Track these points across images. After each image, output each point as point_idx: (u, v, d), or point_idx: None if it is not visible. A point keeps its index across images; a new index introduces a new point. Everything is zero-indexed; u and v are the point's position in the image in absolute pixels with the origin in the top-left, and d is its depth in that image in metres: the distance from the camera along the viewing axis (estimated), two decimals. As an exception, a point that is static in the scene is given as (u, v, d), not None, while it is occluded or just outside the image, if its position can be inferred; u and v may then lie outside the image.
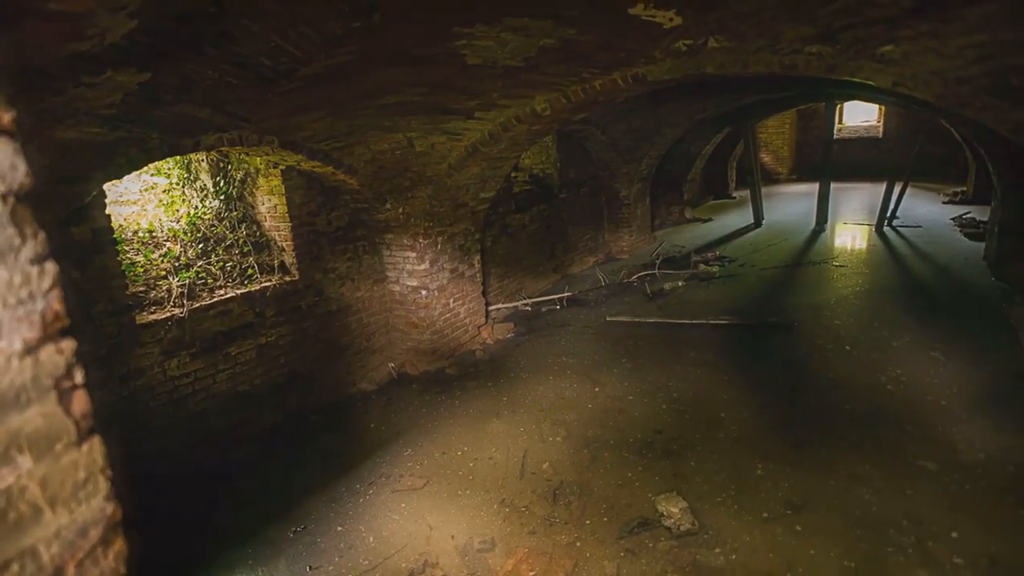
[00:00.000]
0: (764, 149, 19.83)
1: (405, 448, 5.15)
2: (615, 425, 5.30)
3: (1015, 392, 5.36)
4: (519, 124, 5.57)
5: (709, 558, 3.65)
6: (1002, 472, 4.27)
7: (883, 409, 5.24)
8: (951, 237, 11.32)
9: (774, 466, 4.55)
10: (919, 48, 3.43)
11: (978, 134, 8.43)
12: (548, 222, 9.59)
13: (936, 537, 3.69)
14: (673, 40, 3.99)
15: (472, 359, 7.00)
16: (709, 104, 10.21)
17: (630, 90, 5.04)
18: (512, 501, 4.36)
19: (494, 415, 5.62)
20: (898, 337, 6.74)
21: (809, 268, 9.94)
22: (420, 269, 6.56)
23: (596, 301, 8.75)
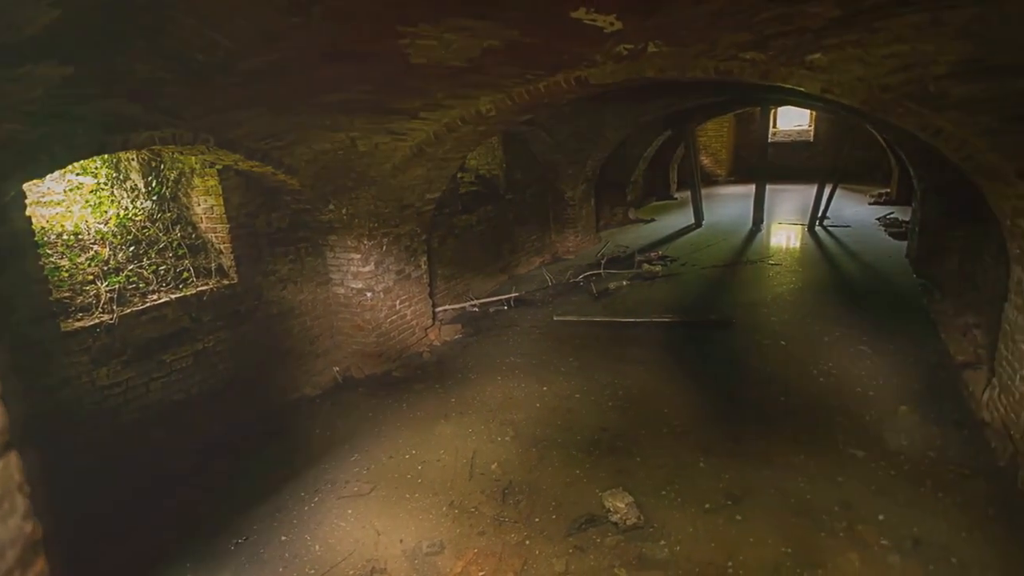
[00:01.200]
0: (704, 152, 20.44)
1: (351, 453, 5.06)
2: (563, 423, 5.35)
3: (935, 382, 5.71)
4: (464, 125, 5.56)
5: (654, 551, 3.74)
6: (923, 458, 4.54)
7: (816, 401, 5.49)
8: (877, 236, 11.96)
9: (715, 459, 4.69)
10: (845, 56, 3.61)
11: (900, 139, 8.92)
12: (495, 223, 9.61)
13: (864, 520, 3.89)
14: (614, 44, 4.07)
15: (419, 361, 6.95)
16: (651, 107, 10.45)
17: (574, 92, 5.11)
18: (461, 502, 4.35)
19: (442, 417, 5.59)
20: (829, 332, 7.08)
21: (747, 267, 10.31)
22: (365, 271, 6.46)
23: (543, 301, 8.82)
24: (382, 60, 4.00)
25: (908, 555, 3.59)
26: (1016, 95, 3.30)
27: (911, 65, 3.42)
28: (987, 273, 6.56)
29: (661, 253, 11.35)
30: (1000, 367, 4.80)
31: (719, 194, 18.39)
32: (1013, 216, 4.00)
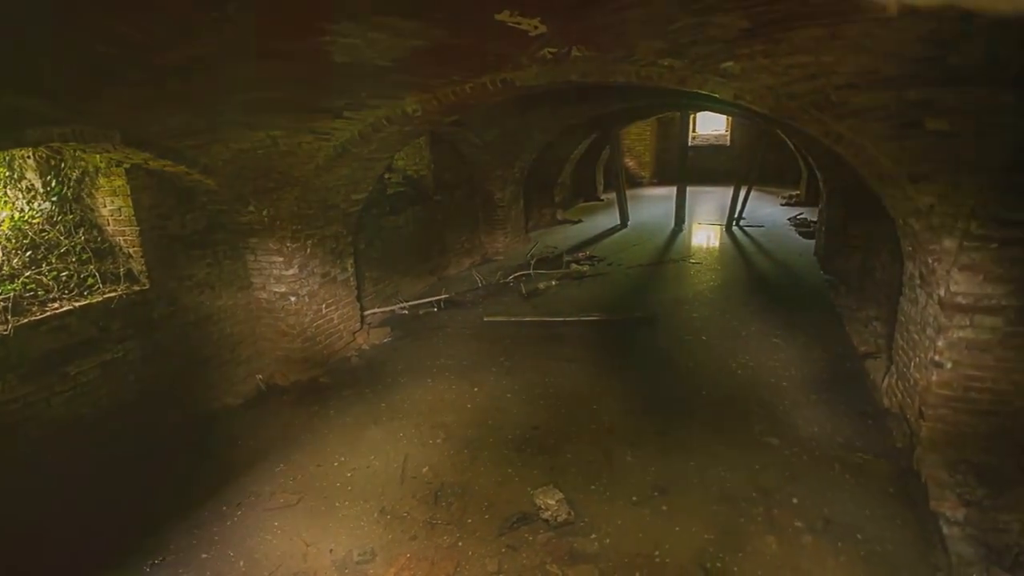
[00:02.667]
0: (628, 154, 21.00)
1: (277, 463, 4.89)
2: (494, 424, 5.37)
3: (839, 371, 6.11)
4: (390, 125, 5.48)
5: (585, 545, 3.82)
6: (832, 443, 4.85)
7: (735, 393, 5.76)
8: (788, 235, 12.67)
9: (642, 452, 4.83)
10: (755, 66, 3.81)
11: (807, 143, 9.49)
12: (424, 224, 9.53)
13: (780, 505, 4.12)
14: (539, 47, 4.12)
15: (347, 366, 6.79)
16: (577, 110, 10.64)
17: (500, 94, 5.14)
18: (393, 508, 4.29)
19: (372, 422, 5.49)
20: (746, 327, 7.44)
21: (669, 265, 10.69)
22: (288, 274, 6.26)
23: (473, 302, 8.82)
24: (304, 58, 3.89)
25: (820, 534, 3.83)
26: (906, 104, 3.57)
27: (814, 75, 3.64)
28: (885, 269, 7.08)
29: (589, 253, 11.59)
30: (897, 356, 5.19)
31: (643, 195, 18.97)
32: (905, 216, 4.33)
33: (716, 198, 17.42)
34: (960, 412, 4.33)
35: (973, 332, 4.16)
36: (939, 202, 3.97)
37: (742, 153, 18.81)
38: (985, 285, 4.05)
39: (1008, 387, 4.19)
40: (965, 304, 4.13)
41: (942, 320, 4.22)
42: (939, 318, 4.24)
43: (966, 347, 4.21)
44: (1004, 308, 4.05)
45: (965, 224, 3.92)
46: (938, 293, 4.24)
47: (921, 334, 4.57)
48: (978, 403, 4.27)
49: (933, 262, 4.25)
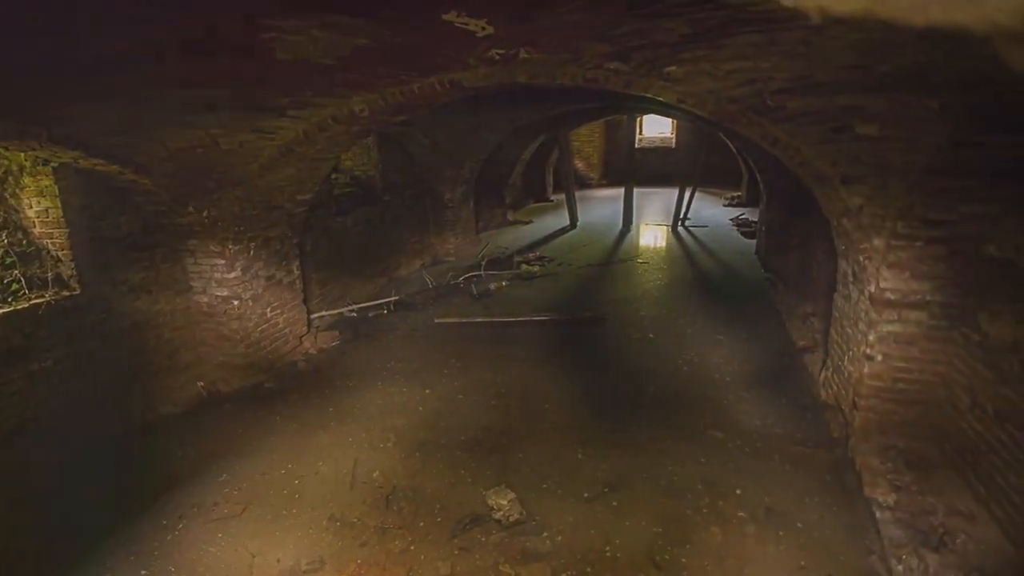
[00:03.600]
0: (577, 156, 21.24)
1: (220, 473, 4.73)
2: (446, 425, 5.34)
3: (778, 365, 6.35)
4: (336, 124, 5.38)
5: (537, 544, 3.84)
6: (773, 435, 5.03)
7: (681, 389, 5.90)
8: (731, 235, 13.07)
9: (593, 450, 4.90)
10: (697, 70, 3.91)
11: (747, 146, 9.81)
12: (372, 225, 9.39)
13: (724, 496, 4.25)
14: (487, 48, 4.12)
15: (294, 371, 6.63)
16: (526, 111, 10.69)
17: (448, 95, 5.11)
18: (342, 514, 4.21)
19: (320, 427, 5.37)
20: (691, 324, 7.64)
21: (618, 265, 10.87)
22: (231, 277, 6.06)
23: (423, 304, 8.75)
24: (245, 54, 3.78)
25: (762, 523, 3.96)
26: (838, 109, 3.74)
27: (752, 80, 3.77)
28: (820, 267, 7.39)
29: (539, 254, 11.67)
30: (832, 350, 5.42)
31: (592, 196, 19.22)
32: (838, 216, 4.54)
33: (662, 199, 17.81)
34: (890, 402, 4.56)
35: (901, 326, 4.40)
36: (868, 203, 4.17)
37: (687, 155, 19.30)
38: (911, 281, 4.28)
39: (932, 378, 4.43)
40: (893, 300, 4.35)
41: (873, 315, 4.44)
42: (870, 313, 4.46)
43: (894, 341, 4.44)
44: (928, 303, 4.29)
45: (892, 224, 4.13)
46: (869, 290, 4.45)
47: (854, 329, 4.79)
48: (906, 393, 4.51)
49: (864, 260, 4.46)
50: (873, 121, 3.68)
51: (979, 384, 3.94)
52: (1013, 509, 3.51)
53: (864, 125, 3.74)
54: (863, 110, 3.63)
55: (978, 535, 3.65)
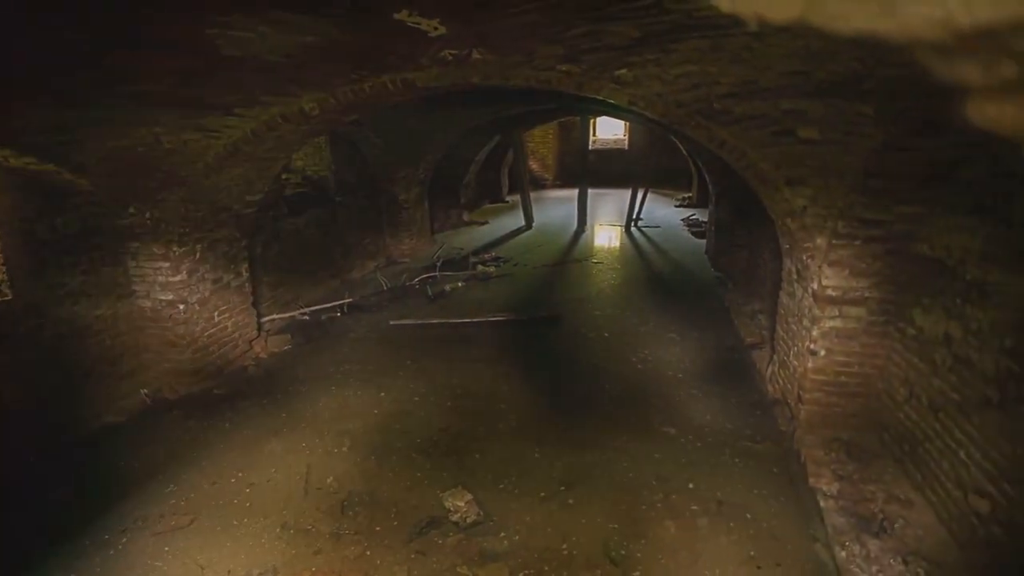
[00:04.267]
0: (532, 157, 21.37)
1: (166, 484, 4.56)
2: (401, 428, 5.29)
3: (730, 362, 6.53)
4: (286, 123, 5.27)
5: (494, 544, 3.84)
6: (723, 429, 5.16)
7: (635, 386, 6.00)
8: (682, 236, 13.37)
9: (549, 448, 4.93)
10: (646, 74, 3.99)
11: (697, 148, 10.05)
12: (325, 226, 9.23)
13: (678, 491, 4.34)
14: (439, 49, 4.11)
15: (244, 376, 6.45)
16: (481, 112, 10.69)
17: (401, 94, 5.07)
18: (296, 522, 4.12)
19: (272, 433, 5.24)
20: (645, 323, 7.78)
21: (573, 265, 10.98)
22: (176, 281, 5.86)
23: (378, 306, 8.65)
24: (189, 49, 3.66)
25: (714, 516, 4.06)
26: (781, 114, 3.88)
27: (699, 84, 3.87)
28: (767, 266, 7.63)
29: (495, 254, 11.69)
30: (778, 346, 5.61)
31: (547, 197, 19.36)
32: (783, 217, 4.69)
33: (616, 200, 18.08)
34: (832, 395, 4.75)
35: (842, 322, 4.58)
36: (811, 204, 4.33)
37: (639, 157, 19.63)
38: (851, 279, 4.46)
39: (872, 371, 4.64)
40: (835, 296, 4.53)
41: (816, 311, 4.61)
42: (813, 310, 4.63)
43: (836, 336, 4.62)
44: (867, 299, 4.49)
45: (833, 224, 4.30)
46: (812, 287, 4.62)
47: (798, 325, 4.96)
48: (847, 386, 4.70)
49: (807, 259, 4.63)
50: (814, 125, 3.82)
51: (914, 376, 4.14)
52: (946, 494, 3.70)
53: (805, 129, 3.88)
54: (804, 115, 3.77)
55: (915, 520, 3.84)
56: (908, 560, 3.51)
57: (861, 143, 3.74)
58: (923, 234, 4.11)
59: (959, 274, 3.67)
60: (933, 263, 3.98)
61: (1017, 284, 3.15)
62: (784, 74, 3.42)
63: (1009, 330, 3.19)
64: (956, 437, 3.61)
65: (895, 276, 4.37)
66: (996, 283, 3.32)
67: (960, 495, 3.53)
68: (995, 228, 3.37)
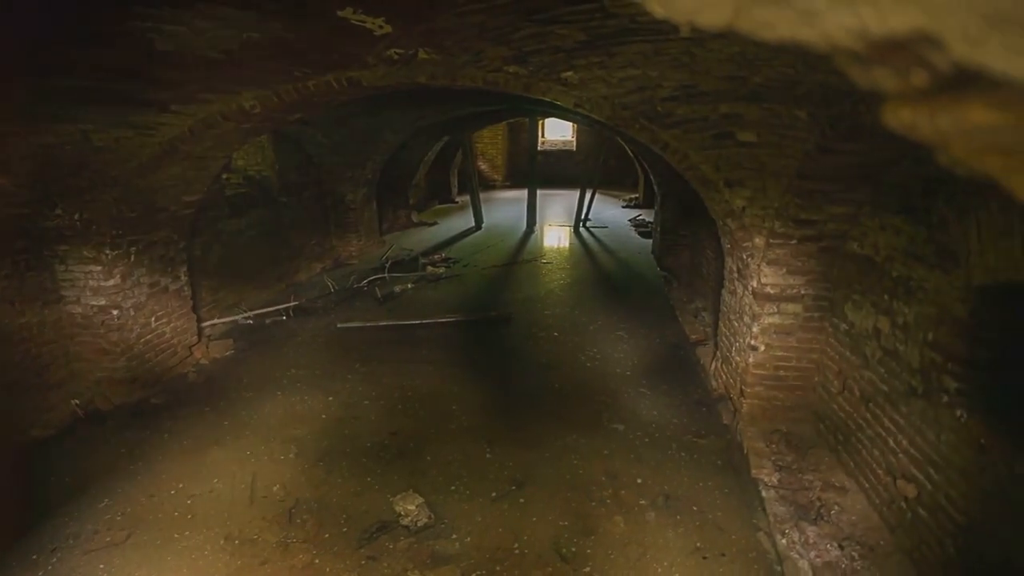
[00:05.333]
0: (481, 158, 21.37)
1: (100, 499, 4.34)
2: (350, 433, 5.20)
3: (674, 358, 6.70)
4: (226, 121, 5.10)
5: (446, 546, 3.82)
6: (669, 424, 5.29)
7: (584, 384, 6.08)
8: (629, 235, 13.63)
9: (500, 448, 4.94)
10: (592, 76, 4.05)
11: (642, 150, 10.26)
12: (268, 228, 8.98)
13: (626, 486, 4.42)
14: (385, 47, 4.06)
15: (184, 383, 6.21)
16: (429, 112, 10.62)
17: (346, 93, 4.99)
18: (241, 532, 3.99)
19: (214, 442, 5.07)
20: (593, 321, 7.89)
21: (523, 266, 11.04)
22: (108, 285, 5.59)
23: (325, 309, 8.48)
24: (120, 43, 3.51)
25: (661, 510, 4.16)
26: (720, 117, 4.00)
27: (643, 87, 3.96)
28: (710, 264, 7.86)
29: (444, 255, 11.63)
30: (721, 342, 5.78)
31: (497, 198, 19.39)
32: (723, 217, 4.84)
33: (565, 201, 18.27)
34: (772, 388, 4.93)
35: (780, 318, 4.76)
36: (750, 204, 4.49)
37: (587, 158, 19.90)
38: (788, 277, 4.64)
39: (808, 364, 4.84)
40: (773, 294, 4.71)
41: (755, 308, 4.78)
42: (753, 307, 4.79)
43: (775, 331, 4.80)
44: (803, 296, 4.68)
45: (771, 224, 4.47)
46: (752, 285, 4.79)
47: (739, 322, 5.13)
48: (785, 380, 4.90)
49: (747, 257, 4.79)
50: (751, 129, 3.96)
51: (847, 368, 4.34)
52: (876, 480, 3.90)
53: (744, 132, 4.02)
54: (742, 118, 3.91)
55: (849, 506, 4.02)
56: (843, 545, 3.68)
57: (795, 146, 3.90)
58: (854, 233, 4.31)
59: (886, 271, 3.87)
60: (863, 261, 4.18)
61: (938, 280, 3.34)
62: (722, 79, 3.53)
63: (932, 324, 3.39)
64: (885, 426, 3.80)
65: (828, 273, 4.58)
66: (919, 279, 3.52)
67: (889, 481, 3.72)
68: (919, 227, 3.57)
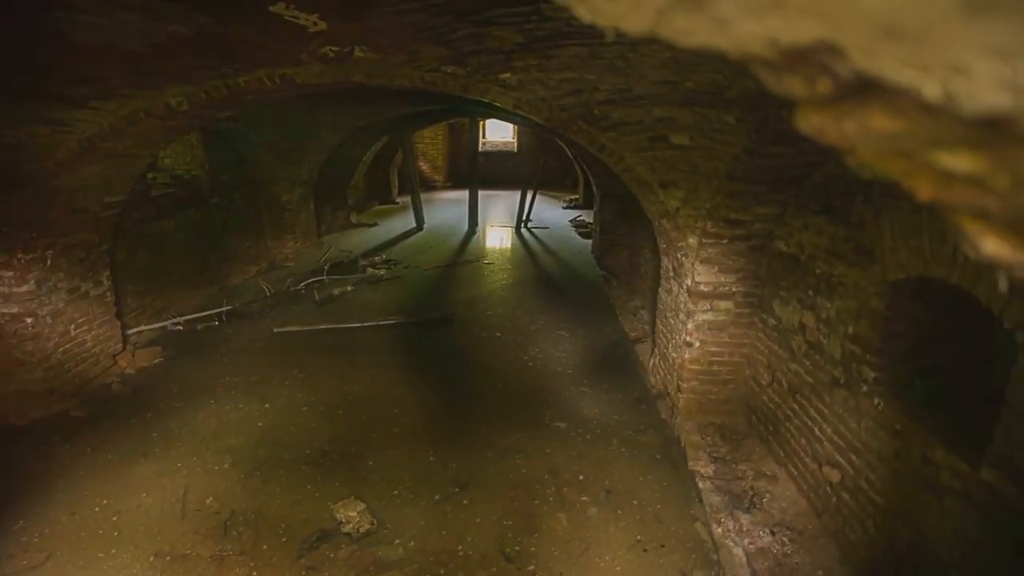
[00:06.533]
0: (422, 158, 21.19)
1: (14, 520, 4.06)
2: (289, 440, 5.06)
3: (614, 356, 6.83)
4: (149, 118, 4.87)
5: (389, 552, 3.77)
6: (609, 421, 5.39)
7: (527, 384, 6.13)
8: (569, 236, 13.81)
9: (444, 450, 4.92)
10: (530, 78, 4.09)
11: (581, 152, 10.43)
12: (199, 229, 8.62)
13: (568, 483, 4.48)
14: (320, 45, 3.97)
15: (108, 394, 5.88)
16: (368, 111, 10.45)
17: (280, 91, 4.85)
18: (172, 548, 3.82)
19: (142, 455, 4.82)
20: (535, 321, 7.96)
21: (465, 266, 11.02)
22: (22, 292, 5.24)
23: (261, 313, 8.21)
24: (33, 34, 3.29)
25: (603, 505, 4.24)
26: (654, 120, 4.11)
27: (579, 90, 4.02)
28: (647, 264, 8.06)
29: (385, 256, 11.48)
30: (658, 339, 5.94)
31: (438, 199, 19.28)
32: (659, 218, 4.98)
33: (506, 201, 18.34)
34: (706, 383, 5.11)
35: (713, 315, 4.93)
36: (683, 205, 4.63)
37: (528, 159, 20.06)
38: (720, 275, 4.82)
39: (740, 359, 5.03)
40: (706, 291, 4.87)
41: (690, 306, 4.93)
42: (688, 304, 4.95)
43: (708, 328, 4.97)
44: (734, 293, 4.87)
45: (703, 224, 4.62)
46: (686, 283, 4.94)
47: (675, 319, 5.29)
48: (718, 374, 5.08)
49: (681, 257, 4.94)
50: (684, 132, 4.09)
51: (776, 362, 4.54)
52: (804, 468, 4.09)
53: (677, 135, 4.15)
54: (675, 122, 4.03)
55: (779, 493, 4.21)
56: (775, 531, 3.84)
57: (725, 149, 4.05)
58: (780, 232, 4.52)
59: (810, 268, 4.08)
60: (789, 259, 4.38)
61: (857, 277, 3.54)
62: (656, 83, 3.63)
63: (852, 318, 3.59)
64: (811, 415, 4.00)
65: (757, 271, 4.78)
66: (840, 276, 3.72)
67: (816, 467, 3.92)
68: (839, 227, 3.77)
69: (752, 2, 0.56)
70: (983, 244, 0.56)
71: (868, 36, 0.52)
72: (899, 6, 0.49)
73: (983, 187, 0.55)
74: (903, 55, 0.51)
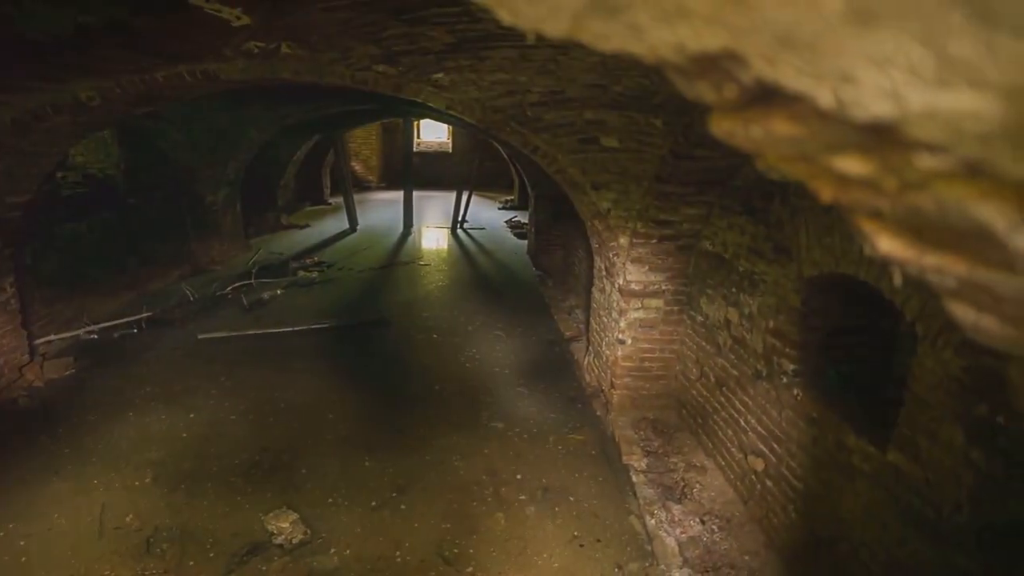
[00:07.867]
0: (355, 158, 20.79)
1: (-96, 548, 3.73)
2: (216, 452, 4.85)
3: (550, 355, 6.92)
4: (58, 114, 4.57)
5: (324, 561, 3.68)
6: (546, 419, 5.45)
7: (464, 385, 6.11)
8: (505, 236, 13.87)
9: (380, 455, 4.84)
10: (463, 79, 4.09)
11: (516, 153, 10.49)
12: (114, 232, 8.14)
13: (506, 483, 4.50)
14: (244, 40, 3.84)
15: (13, 409, 5.47)
16: (296, 109, 10.15)
17: (201, 87, 4.67)
18: (89, 571, 3.59)
19: (52, 473, 4.51)
20: (472, 322, 7.95)
21: (400, 268, 10.88)
22: (-89, 300, 4.81)
23: (184, 319, 7.83)
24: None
25: (540, 503, 4.28)
26: (585, 123, 4.19)
27: (513, 92, 4.06)
28: (581, 264, 8.20)
29: (317, 259, 11.18)
30: (592, 338, 6.06)
31: (372, 199, 18.96)
32: (592, 218, 5.08)
33: (441, 202, 18.23)
34: (639, 379, 5.25)
35: (644, 313, 5.08)
36: (615, 206, 4.74)
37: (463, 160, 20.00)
38: (650, 274, 4.96)
39: (670, 355, 5.20)
40: (637, 290, 5.01)
41: (622, 304, 5.06)
42: (620, 303, 5.07)
43: (640, 325, 5.11)
44: (664, 291, 5.02)
45: (634, 224, 4.75)
46: (618, 282, 5.06)
47: (608, 317, 5.41)
48: (650, 370, 5.23)
49: (613, 256, 5.06)
50: (614, 134, 4.19)
51: (704, 357, 4.72)
52: (731, 458, 4.27)
53: (607, 138, 4.25)
54: (606, 124, 4.12)
55: (708, 483, 4.38)
56: (704, 520, 3.99)
57: (653, 152, 4.17)
58: (706, 232, 4.70)
59: (734, 266, 4.26)
60: (714, 257, 4.57)
61: (776, 274, 3.73)
62: (586, 86, 3.71)
63: (772, 313, 3.77)
64: (736, 407, 4.18)
65: (685, 270, 4.95)
66: (761, 273, 3.91)
67: (742, 457, 4.10)
68: (759, 226, 3.95)
69: (662, 10, 0.58)
70: (879, 242, 0.61)
71: (767, 45, 0.55)
72: (794, 17, 0.52)
73: (875, 189, 0.59)
74: (799, 64, 0.55)
